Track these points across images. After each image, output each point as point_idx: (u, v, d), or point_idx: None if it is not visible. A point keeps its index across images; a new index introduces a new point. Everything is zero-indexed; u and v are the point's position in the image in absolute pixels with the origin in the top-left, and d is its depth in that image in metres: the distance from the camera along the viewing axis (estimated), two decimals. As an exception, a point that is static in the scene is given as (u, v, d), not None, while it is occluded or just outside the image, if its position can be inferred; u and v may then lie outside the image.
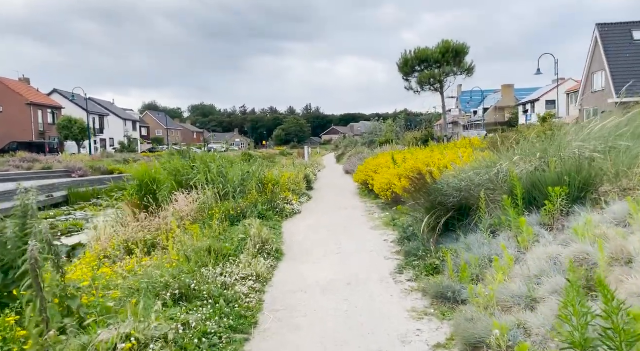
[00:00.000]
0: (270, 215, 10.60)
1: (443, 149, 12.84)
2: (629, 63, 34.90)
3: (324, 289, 5.46)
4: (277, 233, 9.02)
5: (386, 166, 13.12)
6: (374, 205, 12.56)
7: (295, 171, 17.43)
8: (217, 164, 12.30)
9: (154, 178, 11.71)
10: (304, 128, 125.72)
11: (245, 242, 7.28)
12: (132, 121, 78.91)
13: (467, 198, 6.11)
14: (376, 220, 10.13)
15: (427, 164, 10.01)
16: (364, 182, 14.91)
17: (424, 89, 26.12)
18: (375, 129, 50.38)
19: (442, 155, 10.10)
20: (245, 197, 11.72)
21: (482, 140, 12.69)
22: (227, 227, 9.29)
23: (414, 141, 26.72)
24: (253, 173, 13.18)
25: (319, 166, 32.97)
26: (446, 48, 24.64)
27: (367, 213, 11.16)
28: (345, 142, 62.54)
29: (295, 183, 15.23)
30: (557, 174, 5.30)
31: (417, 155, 12.52)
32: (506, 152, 7.50)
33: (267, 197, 11.71)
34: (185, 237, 7.41)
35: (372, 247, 7.57)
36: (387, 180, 11.11)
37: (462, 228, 6.12)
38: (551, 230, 5.04)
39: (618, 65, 34.96)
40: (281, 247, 7.81)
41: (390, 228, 8.97)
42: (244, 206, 10.58)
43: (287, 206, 11.80)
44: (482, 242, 5.39)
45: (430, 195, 6.25)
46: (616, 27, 37.27)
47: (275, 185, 13.35)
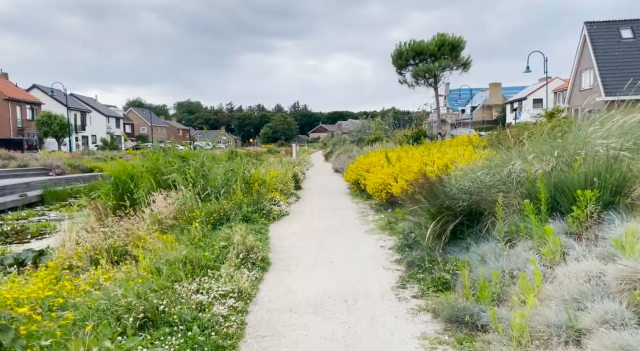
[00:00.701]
0: (255, 218, 9.82)
1: (440, 147, 12.17)
2: (617, 61, 34.77)
3: (316, 308, 4.71)
4: (263, 238, 8.25)
5: (379, 165, 12.41)
6: (366, 206, 11.84)
7: (283, 170, 16.64)
8: (199, 162, 11.46)
9: (131, 177, 10.87)
10: (292, 126, 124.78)
11: (227, 249, 6.50)
12: (115, 118, 77.28)
13: (478, 202, 5.41)
14: (370, 223, 9.41)
15: (425, 163, 9.31)
16: (356, 182, 14.19)
17: (418, 83, 25.41)
18: (363, 127, 49.75)
19: (441, 154, 9.40)
20: (229, 198, 10.93)
21: (480, 138, 12.06)
22: (208, 231, 8.50)
23: (404, 139, 26.10)
24: (237, 171, 12.38)
25: (307, 164, 32.20)
26: (442, 41, 23.92)
27: (360, 215, 10.44)
28: (333, 140, 61.88)
29: (282, 182, 14.45)
30: (584, 175, 4.61)
31: (412, 153, 11.83)
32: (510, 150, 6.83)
33: (253, 198, 10.92)
34: (159, 245, 6.62)
35: (369, 254, 6.84)
36: (381, 180, 10.40)
37: (472, 236, 5.42)
38: (580, 239, 4.36)
39: (606, 63, 34.80)
40: (267, 254, 7.04)
41: (387, 233, 8.26)
42: (228, 207, 9.79)
43: (274, 207, 11.03)
44: (498, 253, 4.69)
45: (436, 199, 5.53)
46: (604, 25, 37.13)
47: (261, 184, 12.57)
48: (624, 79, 33.47)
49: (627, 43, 36.17)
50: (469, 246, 5.27)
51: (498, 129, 13.79)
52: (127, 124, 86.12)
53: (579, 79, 39.47)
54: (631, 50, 35.13)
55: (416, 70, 24.68)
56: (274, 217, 10.49)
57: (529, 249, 4.53)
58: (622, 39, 36.48)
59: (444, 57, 24.01)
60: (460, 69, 25.28)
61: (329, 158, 40.52)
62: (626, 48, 35.73)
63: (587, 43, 36.16)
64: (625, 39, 36.40)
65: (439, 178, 5.95)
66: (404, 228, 6.75)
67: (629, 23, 37.32)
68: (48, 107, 54.79)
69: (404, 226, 6.82)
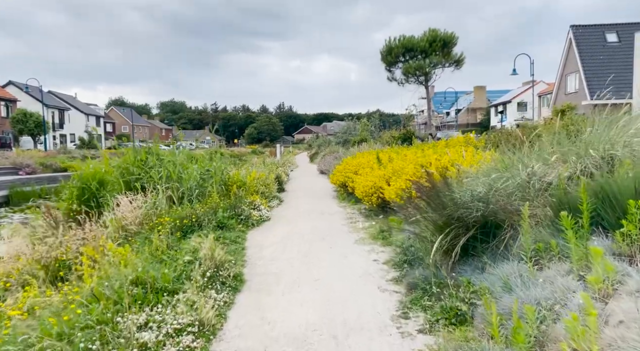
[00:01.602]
0: (232, 224, 8.78)
1: (434, 147, 11.26)
2: (602, 65, 34.55)
3: (298, 347, 3.71)
4: (238, 248, 7.22)
5: (368, 166, 11.46)
6: (355, 210, 10.87)
7: (266, 171, 15.61)
8: (171, 161, 10.38)
9: (97, 179, 9.77)
10: (277, 127, 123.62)
11: (193, 265, 5.47)
12: (95, 116, 75.26)
13: (495, 212, 4.47)
14: (360, 231, 8.43)
15: (420, 164, 8.38)
16: (343, 184, 13.23)
17: (408, 81, 24.30)
18: (349, 128, 48.98)
19: (438, 155, 8.47)
20: (204, 201, 9.88)
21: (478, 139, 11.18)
22: (175, 240, 7.45)
23: (392, 140, 25.28)
24: (214, 172, 11.32)
25: (291, 165, 31.18)
26: (433, 37, 22.92)
27: (349, 222, 9.46)
28: (318, 141, 61.01)
29: (264, 184, 13.43)
30: (636, 180, 3.70)
31: (404, 154, 10.90)
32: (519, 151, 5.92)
33: (230, 202, 9.87)
34: (115, 259, 5.56)
35: (360, 270, 5.86)
36: (371, 182, 9.44)
37: (487, 253, 4.48)
38: (633, 263, 3.44)
39: (592, 67, 34.57)
40: (242, 270, 6.02)
41: (379, 243, 7.29)
42: (201, 212, 8.74)
43: (254, 212, 9.99)
44: (526, 278, 3.75)
45: (444, 208, 4.57)
46: (590, 29, 36.96)
47: (240, 187, 11.53)
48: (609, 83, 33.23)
49: (612, 47, 35.97)
50: (485, 265, 4.33)
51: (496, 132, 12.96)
52: (108, 123, 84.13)
53: (565, 82, 39.22)
54: (616, 54, 34.90)
55: (406, 67, 23.60)
56: (253, 223, 9.46)
57: (566, 274, 3.60)
58: (607, 43, 36.31)
59: (435, 54, 22.98)
60: (453, 67, 24.29)
61: (314, 160, 39.56)
62: (611, 52, 35.53)
63: (572, 46, 35.91)
64: (610, 42, 36.23)
65: (445, 181, 4.99)
66: (402, 242, 5.79)
67: (614, 27, 37.16)
68: (24, 104, 52.81)
69: (402, 238, 5.86)
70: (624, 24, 37.31)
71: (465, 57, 24.40)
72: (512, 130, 10.09)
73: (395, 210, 8.17)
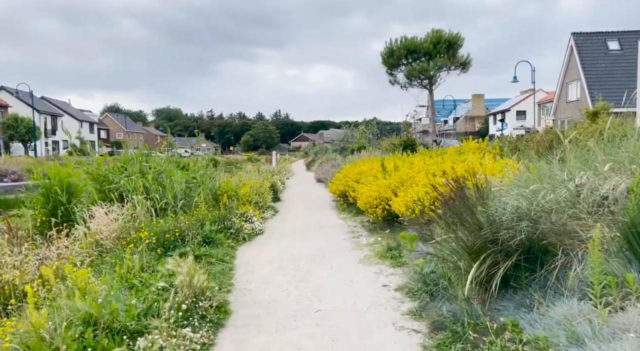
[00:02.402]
0: (220, 239, 7.82)
1: (442, 154, 10.36)
2: (604, 73, 33.98)
3: None
4: (225, 269, 6.26)
5: (371, 174, 10.55)
6: (356, 223, 9.93)
7: (260, 179, 14.66)
8: (153, 168, 9.43)
9: (66, 186, 8.81)
10: (273, 134, 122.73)
11: (168, 293, 4.52)
12: (89, 123, 74.29)
13: (543, 235, 3.54)
14: (364, 247, 7.48)
15: (433, 173, 7.47)
16: (343, 194, 12.30)
17: (412, 85, 23.28)
18: (346, 136, 48.19)
19: (453, 162, 7.54)
20: (190, 213, 8.93)
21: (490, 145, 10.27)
22: (154, 258, 6.50)
23: (392, 147, 24.41)
24: (202, 180, 10.36)
25: (287, 173, 30.25)
26: (438, 38, 21.86)
27: (351, 236, 8.51)
28: (315, 149, 60.18)
29: (258, 193, 12.48)
30: None
31: (411, 162, 9.97)
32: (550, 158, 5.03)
33: (219, 213, 8.91)
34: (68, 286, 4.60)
35: (368, 299, 4.92)
36: (376, 193, 8.52)
37: (533, 285, 3.56)
38: None
39: (594, 75, 33.97)
40: (227, 297, 5.06)
41: (388, 262, 6.35)
42: (185, 226, 7.78)
43: (246, 225, 9.04)
44: (597, 323, 2.83)
45: (480, 228, 3.65)
46: (591, 36, 36.42)
47: (231, 196, 10.58)
48: (611, 91, 32.59)
49: (614, 55, 35.39)
50: (532, 302, 3.40)
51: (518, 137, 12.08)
52: (102, 130, 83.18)
53: (566, 90, 38.59)
54: (618, 62, 34.33)
55: (409, 70, 22.54)
56: (244, 237, 8.50)
57: (655, 320, 2.68)
58: (609, 51, 35.75)
59: (440, 56, 21.99)
60: (459, 69, 23.30)
61: (310, 167, 38.65)
62: (613, 60, 34.96)
63: (574, 54, 35.33)
64: (612, 50, 35.66)
65: (479, 193, 4.05)
66: (421, 266, 4.83)
67: (615, 34, 36.62)
68: (16, 109, 51.81)
69: (420, 262, 4.91)
70: (626, 31, 36.82)
71: (471, 59, 23.43)
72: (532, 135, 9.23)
73: (405, 225, 7.25)
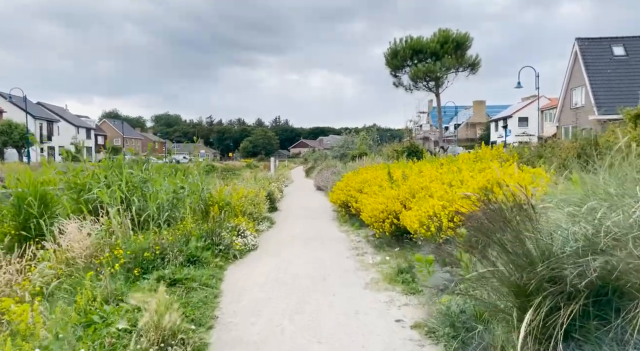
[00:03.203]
0: (207, 258, 6.89)
1: (452, 163, 9.44)
2: (610, 79, 33.23)
3: None
4: (209, 297, 5.33)
5: (376, 184, 9.64)
6: (360, 237, 9.01)
7: (256, 187, 13.75)
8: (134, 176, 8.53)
9: (40, 195, 7.93)
10: (272, 140, 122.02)
11: (130, 338, 3.60)
12: (86, 128, 73.49)
13: (621, 272, 2.63)
14: (371, 268, 6.56)
15: (449, 183, 6.56)
16: (344, 204, 11.40)
17: (417, 87, 22.22)
18: (346, 142, 47.35)
19: (473, 171, 6.63)
20: (175, 226, 8.02)
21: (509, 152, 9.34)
22: (128, 282, 5.60)
23: (394, 154, 23.53)
24: (192, 189, 9.45)
25: (286, 180, 29.35)
26: (445, 38, 20.80)
27: (355, 253, 7.59)
28: (314, 155, 59.36)
29: (253, 203, 11.57)
30: None
31: (419, 170, 9.06)
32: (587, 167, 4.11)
33: (208, 227, 7.98)
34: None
35: (379, 339, 3.99)
36: (382, 205, 7.61)
37: (607, 339, 2.65)
38: None
39: (599, 81, 33.21)
40: (207, 337, 4.12)
41: (399, 288, 5.44)
42: (168, 242, 6.87)
43: (238, 240, 8.11)
44: None
45: (531, 262, 2.74)
46: (596, 42, 35.69)
47: (223, 207, 9.66)
48: (616, 97, 31.78)
49: (619, 60, 34.67)
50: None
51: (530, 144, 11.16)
52: (99, 135, 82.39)
53: (570, 96, 37.80)
54: (623, 68, 33.58)
55: (415, 71, 21.42)
56: (235, 255, 7.58)
57: None
58: (614, 56, 35.02)
59: (447, 56, 20.95)
60: (467, 71, 22.29)
61: (310, 174, 37.77)
62: (618, 65, 34.22)
63: (578, 60, 34.60)
64: (617, 56, 34.94)
65: (525, 213, 3.10)
66: (448, 306, 3.90)
67: (620, 40, 35.92)
68: (10, 115, 50.92)
69: (448, 302, 3.97)
70: (631, 37, 36.11)
71: (481, 59, 22.34)
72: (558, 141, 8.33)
73: (417, 243, 6.34)
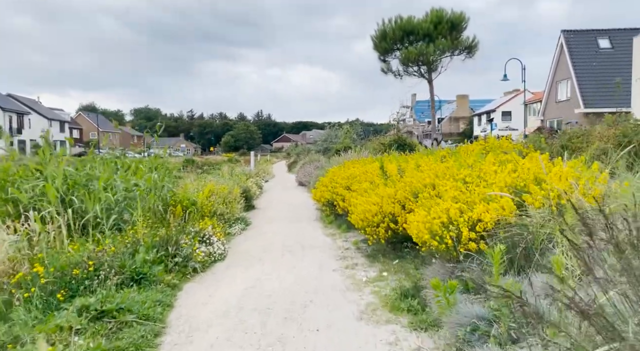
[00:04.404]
0: (157, 274, 5.43)
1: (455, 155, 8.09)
2: (596, 72, 32.51)
3: None
4: (146, 337, 3.87)
5: (366, 179, 8.26)
6: (349, 243, 7.62)
7: (230, 183, 12.25)
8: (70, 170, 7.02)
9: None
10: (255, 134, 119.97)
11: None
12: (60, 121, 70.68)
13: None
14: (364, 287, 5.17)
15: (462, 179, 5.20)
16: (329, 202, 10.01)
17: (408, 72, 20.46)
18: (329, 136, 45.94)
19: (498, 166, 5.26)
20: (124, 233, 6.54)
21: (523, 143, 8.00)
22: (48, 308, 4.15)
23: (381, 147, 22.25)
24: (150, 187, 7.94)
25: (267, 175, 27.84)
26: (439, 18, 19.11)
27: (343, 265, 6.20)
28: (297, 150, 57.90)
29: (226, 201, 10.11)
30: None
31: (417, 164, 7.67)
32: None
33: (163, 234, 6.49)
34: None
35: None
36: (376, 207, 6.22)
37: None
38: None
39: (585, 74, 32.47)
40: None
41: (405, 319, 4.07)
42: (107, 255, 5.40)
43: (201, 248, 6.65)
44: None
45: None
46: (582, 34, 34.97)
47: (188, 207, 8.20)
48: (603, 90, 31.05)
49: (606, 53, 33.96)
50: None
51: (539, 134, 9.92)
52: (74, 129, 79.54)
53: (555, 90, 37.03)
54: (609, 61, 32.90)
55: (406, 54, 19.56)
56: (195, 268, 6.12)
57: None
58: (600, 49, 34.33)
59: (441, 38, 19.26)
60: (464, 54, 20.65)
61: (292, 169, 36.31)
62: (604, 58, 33.53)
63: (564, 52, 33.80)
64: (603, 48, 34.24)
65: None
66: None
67: (606, 32, 35.23)
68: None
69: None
70: (616, 29, 35.51)
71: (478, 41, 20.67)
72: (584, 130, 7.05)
73: (421, 253, 4.98)
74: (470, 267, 4.04)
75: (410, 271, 5.28)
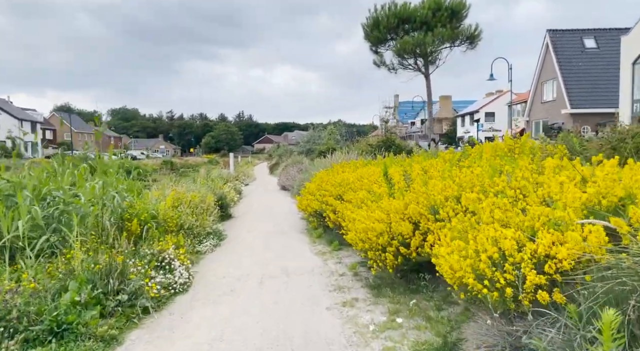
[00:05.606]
0: (87, 324, 3.97)
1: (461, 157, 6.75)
2: (582, 72, 31.97)
3: None
4: None
5: (361, 187, 6.88)
6: (344, 268, 6.22)
7: (203, 190, 10.74)
8: None
9: None
10: (236, 135, 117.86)
11: None
12: (31, 122, 67.84)
13: None
14: (372, 340, 3.76)
15: (512, 194, 3.86)
16: (317, 212, 8.62)
17: (403, 64, 18.72)
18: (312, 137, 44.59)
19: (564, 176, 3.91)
20: (55, 260, 5.04)
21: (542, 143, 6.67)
22: None
23: (369, 149, 20.99)
24: (96, 199, 6.41)
25: (247, 178, 26.31)
26: (437, 4, 17.48)
27: (340, 301, 4.80)
28: (279, 151, 56.39)
29: (197, 212, 8.63)
30: None
31: (423, 169, 6.30)
32: None
33: (106, 261, 4.99)
34: None
35: None
36: (382, 225, 4.85)
37: None
38: None
39: (571, 74, 31.89)
40: None
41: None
42: (21, 297, 3.92)
43: (156, 279, 5.18)
44: None
45: None
46: (567, 34, 34.44)
47: (146, 222, 6.70)
48: (588, 90, 30.41)
49: (591, 53, 33.44)
50: None
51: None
52: (47, 130, 76.66)
53: (541, 90, 36.40)
54: (595, 61, 32.38)
55: (402, 43, 17.73)
56: (147, 308, 4.65)
57: None
58: (586, 49, 33.80)
59: (440, 27, 17.60)
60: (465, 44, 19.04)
61: (274, 171, 34.83)
62: (590, 58, 33.02)
63: (549, 52, 33.18)
64: (588, 48, 33.73)
65: None
66: None
67: (591, 32, 34.76)
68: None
69: None
70: (601, 29, 35.15)
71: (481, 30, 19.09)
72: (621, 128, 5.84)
73: (447, 288, 3.62)
74: (541, 328, 2.69)
75: (431, 313, 3.93)
